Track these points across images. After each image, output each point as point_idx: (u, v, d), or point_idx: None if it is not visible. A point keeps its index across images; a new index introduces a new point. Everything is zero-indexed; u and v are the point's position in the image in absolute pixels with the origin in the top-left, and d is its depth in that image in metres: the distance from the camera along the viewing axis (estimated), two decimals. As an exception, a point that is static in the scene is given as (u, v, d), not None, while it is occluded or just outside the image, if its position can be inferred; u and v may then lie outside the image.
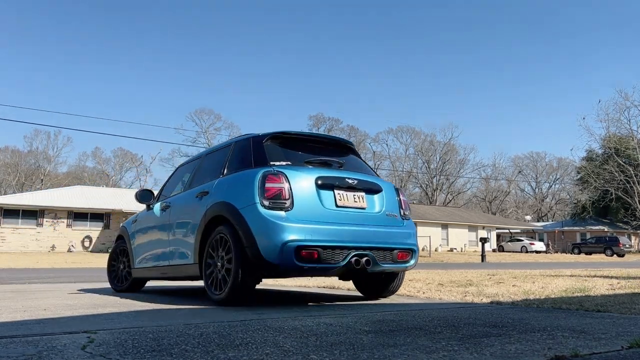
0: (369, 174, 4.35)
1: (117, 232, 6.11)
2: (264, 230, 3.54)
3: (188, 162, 5.42)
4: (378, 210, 4.07)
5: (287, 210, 3.62)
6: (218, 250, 3.86)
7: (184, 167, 5.39)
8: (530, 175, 73.63)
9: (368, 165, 4.66)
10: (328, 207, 3.78)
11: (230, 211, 3.76)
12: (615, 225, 50.66)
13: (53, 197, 32.44)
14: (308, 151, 4.21)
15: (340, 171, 4.10)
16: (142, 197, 5.41)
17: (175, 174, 5.53)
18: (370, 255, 3.78)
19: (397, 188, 4.39)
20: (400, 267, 4.13)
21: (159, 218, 5.06)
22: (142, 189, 5.72)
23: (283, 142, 4.18)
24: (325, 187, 3.83)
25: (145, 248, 5.22)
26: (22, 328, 2.62)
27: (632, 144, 48.84)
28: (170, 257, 4.67)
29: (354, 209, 3.92)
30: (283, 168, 3.80)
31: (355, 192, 3.98)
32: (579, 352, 1.96)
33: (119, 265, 5.79)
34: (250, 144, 4.18)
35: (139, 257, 5.34)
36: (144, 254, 5.24)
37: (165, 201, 5.10)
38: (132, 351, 1.98)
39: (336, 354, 1.96)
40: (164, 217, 4.93)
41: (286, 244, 3.48)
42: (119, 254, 5.85)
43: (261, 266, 3.58)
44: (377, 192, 4.13)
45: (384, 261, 3.92)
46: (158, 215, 5.09)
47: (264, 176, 3.68)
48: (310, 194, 3.75)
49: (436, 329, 2.61)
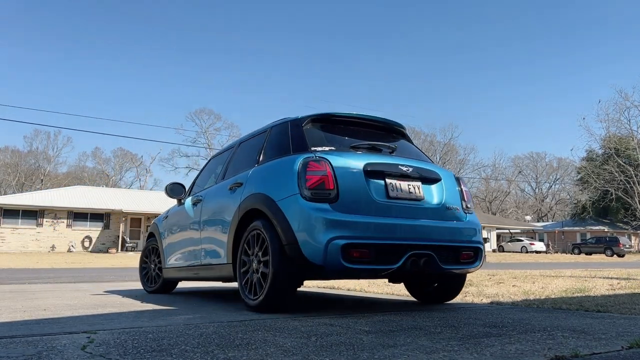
0: (425, 161, 3.88)
1: (148, 229, 5.77)
2: (305, 225, 3.12)
3: (221, 152, 5.05)
4: (437, 202, 3.58)
5: (332, 202, 3.18)
6: (254, 249, 3.48)
7: (217, 158, 5.03)
8: (530, 176, 73.71)
9: (422, 152, 4.18)
10: (378, 199, 3.32)
11: (267, 204, 3.37)
12: (615, 225, 50.66)
13: (53, 197, 32.45)
14: (354, 135, 3.78)
15: (392, 157, 3.63)
16: (173, 191, 5.07)
17: (207, 165, 5.21)
18: (429, 254, 3.31)
19: (458, 177, 3.91)
20: (465, 269, 3.62)
21: (189, 213, 4.75)
22: (173, 182, 5.27)
23: (325, 125, 3.76)
24: (375, 175, 3.38)
25: (176, 246, 4.93)
26: (22, 328, 2.62)
27: (632, 144, 48.85)
28: (201, 256, 4.36)
29: (408, 201, 3.45)
30: (326, 154, 3.37)
31: (410, 181, 3.51)
32: (579, 353, 1.96)
33: (150, 265, 5.57)
34: (288, 128, 3.78)
35: (169, 256, 5.06)
36: (174, 253, 4.96)
37: (196, 195, 4.78)
38: (132, 351, 1.98)
39: (336, 354, 1.96)
40: (195, 213, 4.62)
41: (332, 241, 3.04)
42: (150, 253, 5.61)
43: (303, 267, 3.17)
44: (435, 181, 3.66)
45: (445, 262, 3.42)
46: (189, 210, 4.78)
47: (305, 163, 3.27)
48: (358, 183, 3.29)
49: (436, 329, 2.61)
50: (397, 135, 4.13)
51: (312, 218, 3.11)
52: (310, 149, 3.46)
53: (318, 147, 3.48)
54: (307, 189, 3.20)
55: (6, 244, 29.04)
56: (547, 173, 73.18)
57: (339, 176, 3.25)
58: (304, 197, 3.19)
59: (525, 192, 75.42)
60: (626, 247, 37.33)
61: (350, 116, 3.89)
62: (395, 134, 4.13)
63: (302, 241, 3.10)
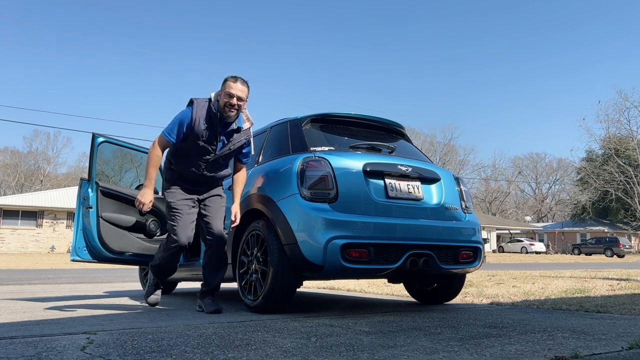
0: (424, 161, 3.88)
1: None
2: (305, 225, 3.12)
3: None
4: (436, 202, 3.59)
5: (331, 202, 3.20)
6: (253, 249, 3.49)
7: None
8: (530, 176, 73.71)
9: (421, 152, 4.18)
10: (378, 199, 3.33)
11: (266, 204, 3.38)
12: (615, 226, 50.67)
13: (53, 198, 32.44)
14: (353, 135, 3.80)
15: (391, 157, 3.64)
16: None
17: None
18: (429, 254, 3.32)
19: (457, 177, 3.91)
20: (464, 269, 3.63)
21: None
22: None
23: (325, 125, 3.78)
24: (375, 175, 3.38)
25: None
26: (21, 329, 2.62)
27: (632, 145, 48.85)
28: (201, 257, 4.25)
29: (408, 201, 3.46)
30: (325, 154, 3.37)
31: (410, 181, 3.52)
32: (579, 353, 1.96)
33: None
34: (287, 128, 3.79)
35: None
36: None
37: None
38: (132, 352, 1.98)
39: (336, 355, 1.95)
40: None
41: (331, 241, 3.05)
42: None
43: (302, 267, 3.16)
44: (434, 181, 3.67)
45: (445, 262, 3.44)
46: None
47: (304, 163, 3.28)
48: (358, 183, 3.30)
49: (436, 329, 2.61)
50: (397, 135, 4.15)
51: (312, 218, 3.11)
52: (310, 149, 3.46)
53: (317, 147, 3.48)
54: (306, 189, 3.21)
55: (6, 244, 29.03)
56: (547, 174, 73.24)
57: (338, 176, 3.26)
58: (303, 197, 3.19)
59: (525, 193, 75.51)
60: (626, 247, 37.34)
61: (350, 116, 3.90)
62: (395, 134, 4.14)
63: (301, 241, 3.10)
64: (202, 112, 3.35)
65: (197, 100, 3.41)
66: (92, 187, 4.24)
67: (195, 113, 3.34)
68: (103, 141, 4.50)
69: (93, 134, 4.40)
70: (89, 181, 4.26)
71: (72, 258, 4.23)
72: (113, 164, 5.61)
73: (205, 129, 3.35)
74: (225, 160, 3.56)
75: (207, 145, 3.40)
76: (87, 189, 4.25)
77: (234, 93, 3.32)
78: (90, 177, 4.26)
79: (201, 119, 3.34)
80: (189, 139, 3.37)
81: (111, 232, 4.26)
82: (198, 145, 3.38)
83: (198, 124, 3.32)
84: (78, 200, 4.35)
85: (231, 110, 3.34)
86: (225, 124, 3.40)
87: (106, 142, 4.57)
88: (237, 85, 3.36)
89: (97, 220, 4.17)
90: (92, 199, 4.22)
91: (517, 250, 42.05)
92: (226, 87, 3.35)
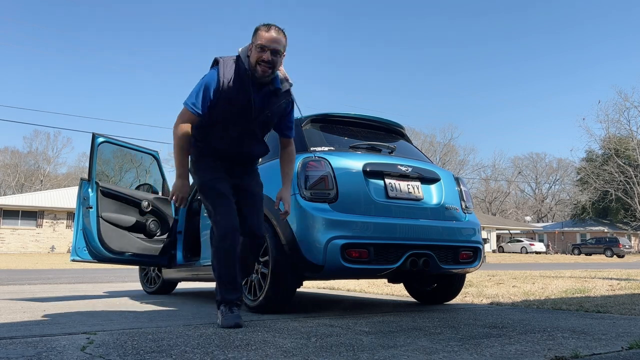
0: (424, 161, 3.88)
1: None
2: (305, 225, 3.12)
3: None
4: (436, 202, 3.59)
5: (331, 202, 3.19)
6: None
7: None
8: (530, 176, 73.70)
9: (421, 152, 4.19)
10: (378, 199, 3.32)
11: (266, 204, 3.28)
12: (615, 226, 50.68)
13: (53, 198, 32.45)
14: (353, 135, 3.79)
15: (391, 157, 3.64)
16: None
17: None
18: (429, 254, 3.32)
19: (457, 177, 3.91)
20: (464, 269, 3.64)
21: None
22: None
23: (325, 126, 3.75)
24: (375, 175, 3.38)
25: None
26: (21, 329, 2.62)
27: (631, 145, 48.87)
28: (201, 257, 4.29)
29: (408, 201, 3.46)
30: (325, 154, 3.36)
31: (410, 181, 3.52)
32: (579, 353, 1.96)
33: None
34: None
35: None
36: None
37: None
38: (132, 352, 1.98)
39: (336, 355, 1.95)
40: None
41: (331, 241, 3.04)
42: None
43: (302, 267, 3.16)
44: (434, 181, 3.66)
45: (445, 262, 3.44)
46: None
47: (304, 163, 3.25)
48: (358, 183, 3.30)
49: (436, 329, 2.61)
50: (396, 135, 4.15)
51: (312, 218, 3.11)
52: (310, 149, 3.45)
53: (317, 147, 3.47)
54: (306, 189, 3.21)
55: (6, 244, 29.03)
56: (546, 174, 73.24)
57: (338, 176, 3.25)
58: (303, 197, 3.19)
59: (525, 193, 75.51)
60: (626, 247, 37.37)
61: (349, 116, 3.89)
62: (395, 134, 4.14)
63: (301, 241, 3.11)
64: (230, 72, 2.73)
65: (224, 58, 2.79)
66: (92, 187, 4.25)
67: (222, 74, 2.72)
68: (103, 141, 4.51)
69: (93, 134, 4.41)
70: (89, 181, 4.27)
71: (72, 258, 4.24)
72: (113, 164, 5.62)
73: (237, 93, 2.74)
74: (263, 131, 2.94)
75: (240, 113, 2.78)
76: (87, 189, 4.26)
77: (267, 46, 2.67)
78: (90, 177, 4.27)
79: (230, 80, 2.72)
80: (218, 106, 2.76)
81: (111, 232, 4.26)
82: (229, 112, 2.77)
83: (227, 86, 2.72)
84: (78, 200, 4.36)
85: (266, 68, 2.70)
86: (258, 84, 2.77)
87: (106, 142, 4.58)
88: (270, 34, 2.69)
89: (97, 220, 4.18)
90: (92, 199, 4.22)
91: (517, 250, 42.05)
92: (257, 39, 2.70)
